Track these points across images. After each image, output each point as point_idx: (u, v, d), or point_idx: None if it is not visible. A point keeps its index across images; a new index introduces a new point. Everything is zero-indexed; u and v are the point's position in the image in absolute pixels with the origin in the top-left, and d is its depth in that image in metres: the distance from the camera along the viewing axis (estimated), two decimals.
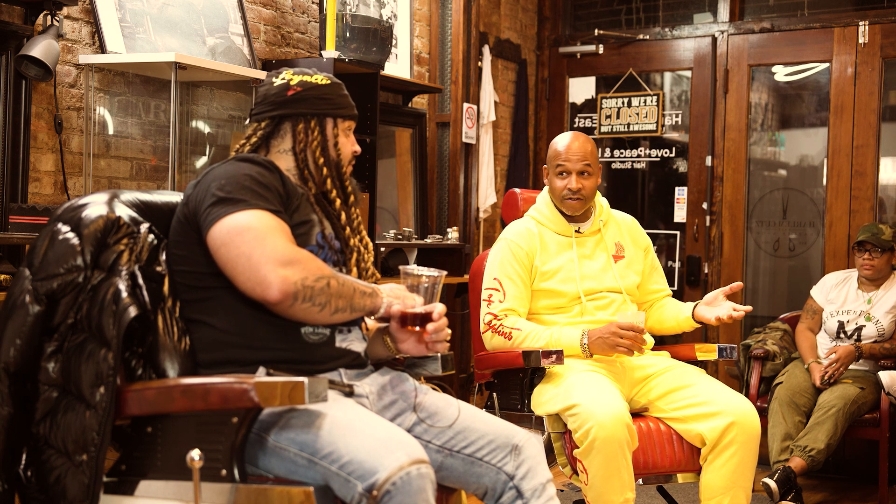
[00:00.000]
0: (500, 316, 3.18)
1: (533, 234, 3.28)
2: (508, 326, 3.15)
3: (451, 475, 2.27)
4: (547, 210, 3.34)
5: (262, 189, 2.14)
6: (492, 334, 3.18)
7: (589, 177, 3.25)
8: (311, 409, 2.02)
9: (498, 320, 3.17)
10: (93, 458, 2.01)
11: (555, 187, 3.28)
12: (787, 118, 5.86)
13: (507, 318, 3.17)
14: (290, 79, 2.33)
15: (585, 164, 3.24)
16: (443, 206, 5.27)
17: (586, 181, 3.25)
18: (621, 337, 3.02)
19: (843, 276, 4.76)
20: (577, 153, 3.25)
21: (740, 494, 2.97)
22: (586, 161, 3.24)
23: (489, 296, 3.22)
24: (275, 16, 4.35)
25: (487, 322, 3.20)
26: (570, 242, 3.28)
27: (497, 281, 3.22)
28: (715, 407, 2.99)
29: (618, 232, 3.37)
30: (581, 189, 3.24)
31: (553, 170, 3.29)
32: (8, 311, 2.10)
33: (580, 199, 3.25)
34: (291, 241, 2.10)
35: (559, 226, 3.30)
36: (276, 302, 2.04)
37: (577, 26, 6.15)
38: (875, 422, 4.37)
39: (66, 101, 3.47)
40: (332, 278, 2.10)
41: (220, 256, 2.09)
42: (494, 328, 3.17)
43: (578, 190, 3.24)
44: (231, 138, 4.10)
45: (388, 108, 4.88)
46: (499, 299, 3.20)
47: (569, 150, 3.26)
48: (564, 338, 3.10)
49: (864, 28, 5.26)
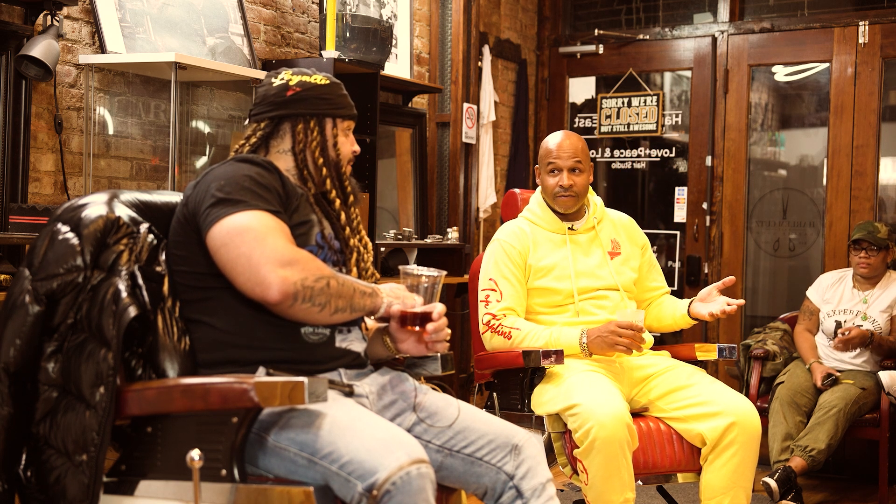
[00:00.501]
0: (498, 316, 3.18)
1: (525, 234, 3.29)
2: (507, 326, 3.15)
3: (450, 475, 2.27)
4: (539, 210, 3.34)
5: (262, 189, 2.14)
6: (491, 334, 3.18)
7: (580, 173, 3.27)
8: (311, 409, 2.02)
9: (497, 320, 3.18)
10: (93, 458, 2.01)
11: (546, 185, 3.30)
12: (787, 118, 5.86)
13: (505, 318, 3.17)
14: (290, 79, 2.33)
15: (576, 161, 3.26)
16: (443, 206, 5.27)
17: (577, 178, 3.26)
18: (620, 336, 3.02)
19: (837, 276, 4.76)
20: (567, 150, 3.27)
21: (741, 494, 2.97)
22: (577, 158, 3.26)
23: (486, 296, 3.22)
24: (275, 16, 4.35)
25: (486, 322, 3.20)
26: (564, 240, 3.28)
27: (493, 281, 3.22)
28: (716, 407, 2.99)
29: (613, 230, 3.37)
30: (573, 185, 3.25)
31: (545, 168, 3.30)
32: (8, 311, 2.10)
33: (572, 196, 3.26)
34: (291, 242, 2.10)
35: (552, 224, 3.31)
36: (276, 302, 2.04)
37: (577, 26, 6.15)
38: (875, 422, 4.37)
39: (66, 101, 3.47)
40: (332, 278, 2.10)
41: (220, 257, 2.09)
42: (493, 328, 3.17)
43: (570, 186, 3.25)
44: (231, 138, 4.10)
45: (388, 108, 4.88)
46: (496, 299, 3.20)
47: (559, 148, 3.28)
48: (564, 337, 3.10)
49: (864, 28, 5.26)
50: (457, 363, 5.24)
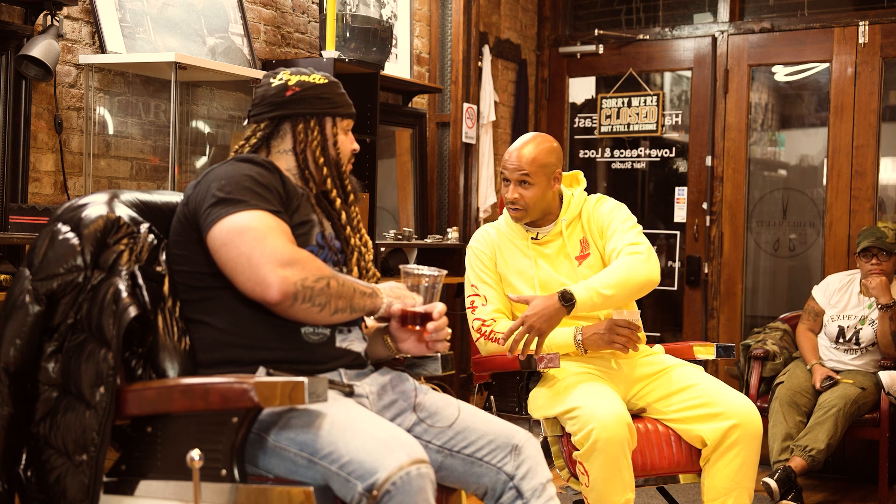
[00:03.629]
0: (488, 322, 3.14)
1: (492, 240, 3.22)
2: (499, 331, 3.11)
3: (451, 475, 2.27)
4: (505, 217, 3.26)
5: (262, 189, 2.14)
6: (484, 341, 3.13)
7: (528, 186, 3.09)
8: (311, 409, 2.02)
9: (487, 326, 3.13)
10: (93, 458, 2.01)
11: (504, 196, 3.18)
12: (787, 118, 5.86)
13: (496, 324, 3.13)
14: (288, 79, 2.33)
15: (522, 174, 3.08)
16: (443, 206, 5.27)
17: (525, 190, 3.09)
18: (618, 333, 3.01)
19: (846, 280, 4.72)
20: (514, 161, 3.10)
21: (744, 495, 2.97)
22: (523, 170, 3.07)
23: (471, 303, 3.19)
24: (275, 16, 4.35)
25: (477, 329, 3.15)
26: (528, 248, 3.20)
27: (475, 287, 3.19)
28: (718, 408, 2.98)
29: (583, 228, 3.21)
30: (518, 199, 3.10)
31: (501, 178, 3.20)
32: (8, 311, 2.10)
33: (518, 209, 3.13)
34: (292, 241, 2.11)
35: (516, 233, 3.22)
36: (276, 302, 2.04)
37: (577, 26, 6.15)
38: (875, 422, 4.37)
39: (66, 101, 3.47)
40: (332, 279, 2.10)
41: (221, 257, 2.09)
42: (485, 335, 3.13)
43: (514, 200, 3.11)
44: (231, 138, 4.10)
45: (388, 108, 4.88)
46: (481, 304, 3.17)
47: (508, 158, 3.12)
48: (557, 337, 3.07)
49: (864, 28, 5.26)
50: (457, 363, 5.24)
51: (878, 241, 4.49)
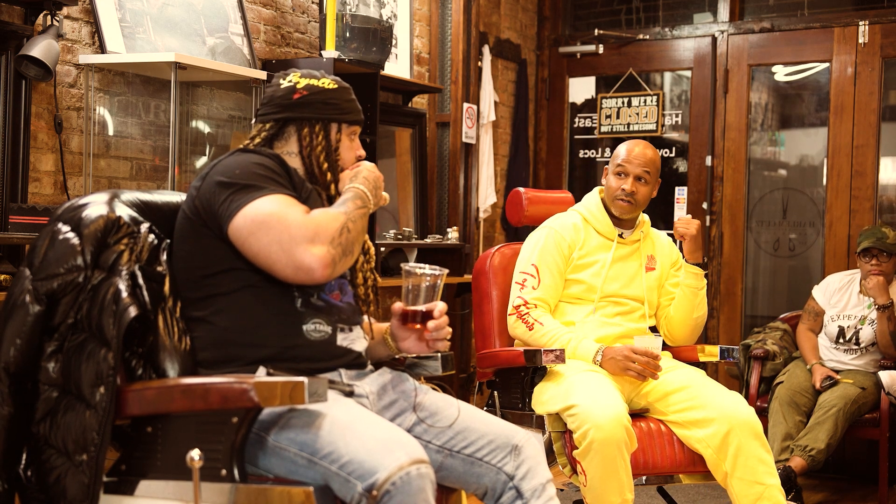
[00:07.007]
0: (529, 304, 3.21)
1: (578, 229, 3.33)
2: (534, 318, 3.19)
3: (450, 475, 2.27)
4: (596, 209, 3.38)
5: (274, 175, 2.16)
6: (516, 320, 3.21)
7: (645, 184, 3.32)
8: (311, 409, 2.02)
9: (526, 308, 3.21)
10: (93, 458, 2.01)
11: (610, 186, 3.34)
12: (787, 118, 5.86)
13: (535, 309, 3.21)
14: (297, 82, 2.33)
15: (644, 171, 3.31)
16: (443, 206, 5.28)
17: (642, 187, 3.32)
18: (634, 361, 3.06)
19: (846, 280, 4.71)
20: (639, 157, 3.33)
21: (773, 490, 2.95)
22: (646, 168, 3.31)
23: (524, 280, 3.26)
24: (275, 16, 4.36)
25: (516, 306, 3.23)
26: (610, 245, 3.32)
27: (535, 267, 3.26)
28: (710, 412, 2.98)
29: (653, 247, 3.43)
30: (634, 192, 3.30)
31: (613, 169, 3.35)
32: (8, 311, 2.10)
33: (630, 203, 3.31)
34: (306, 211, 2.11)
35: (604, 226, 3.35)
36: (324, 278, 2.07)
37: (577, 26, 6.16)
38: (875, 422, 4.37)
39: (66, 101, 3.47)
40: (347, 222, 2.11)
41: (250, 247, 2.09)
42: (521, 315, 3.20)
43: (632, 193, 3.30)
44: (231, 138, 4.10)
45: (388, 108, 4.88)
46: (532, 285, 3.24)
47: (630, 153, 3.34)
48: (581, 348, 3.14)
49: (864, 28, 5.26)
50: (457, 363, 5.24)
51: (879, 242, 4.49)
